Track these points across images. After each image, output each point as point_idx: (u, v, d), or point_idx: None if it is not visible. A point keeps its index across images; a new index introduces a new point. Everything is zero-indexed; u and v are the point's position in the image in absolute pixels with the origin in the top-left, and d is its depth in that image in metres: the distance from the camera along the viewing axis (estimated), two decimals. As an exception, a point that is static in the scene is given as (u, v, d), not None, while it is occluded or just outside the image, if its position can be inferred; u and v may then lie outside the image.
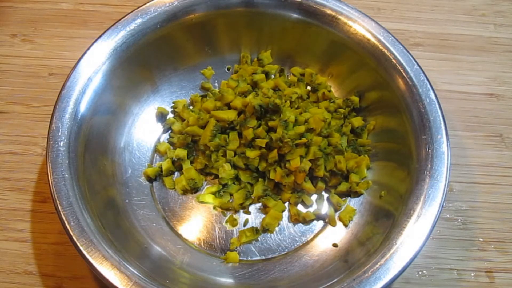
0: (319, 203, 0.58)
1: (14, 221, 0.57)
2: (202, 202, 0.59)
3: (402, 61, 0.56)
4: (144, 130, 0.62)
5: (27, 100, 0.65)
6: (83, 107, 0.54)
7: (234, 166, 0.58)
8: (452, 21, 0.73)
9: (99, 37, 0.57)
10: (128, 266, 0.46)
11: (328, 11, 0.59)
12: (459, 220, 0.58)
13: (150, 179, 0.59)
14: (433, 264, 0.56)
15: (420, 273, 0.55)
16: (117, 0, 0.72)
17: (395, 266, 0.46)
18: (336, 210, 0.57)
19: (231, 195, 0.59)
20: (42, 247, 0.56)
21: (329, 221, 0.57)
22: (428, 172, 0.50)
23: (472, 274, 0.56)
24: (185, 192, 0.59)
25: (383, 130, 0.59)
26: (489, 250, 0.57)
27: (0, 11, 0.72)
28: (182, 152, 0.59)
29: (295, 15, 0.60)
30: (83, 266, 0.54)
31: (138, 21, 0.58)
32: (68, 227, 0.47)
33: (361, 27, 0.58)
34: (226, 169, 0.58)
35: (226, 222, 0.58)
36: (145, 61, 0.60)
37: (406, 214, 0.49)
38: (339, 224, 0.57)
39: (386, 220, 0.51)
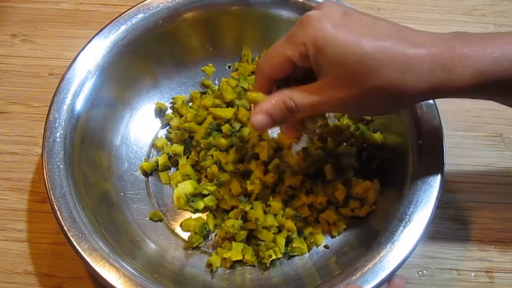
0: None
1: (14, 221, 0.57)
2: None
3: None
4: (143, 125, 0.62)
5: (27, 100, 0.65)
6: (81, 99, 0.54)
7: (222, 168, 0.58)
8: (452, 21, 0.73)
9: (100, 31, 0.57)
10: (117, 258, 0.47)
11: None
12: (459, 220, 0.58)
13: (146, 174, 0.59)
14: (433, 264, 0.56)
15: (420, 273, 0.55)
16: (117, 0, 0.72)
17: (384, 270, 0.46)
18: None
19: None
20: (42, 247, 0.56)
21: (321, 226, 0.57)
22: (421, 177, 0.50)
23: (472, 274, 0.56)
24: None
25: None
26: (489, 250, 0.57)
27: (0, 11, 0.72)
28: (178, 148, 0.59)
29: (296, 15, 0.60)
30: (83, 266, 0.54)
31: (140, 16, 0.59)
32: (59, 217, 0.47)
33: None
34: (214, 170, 0.58)
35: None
36: (146, 56, 0.60)
37: (398, 218, 0.48)
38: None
39: (378, 223, 0.51)
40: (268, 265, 0.53)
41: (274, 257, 0.53)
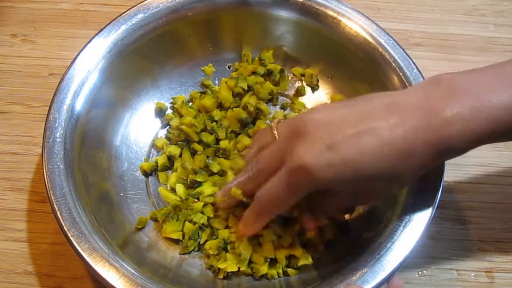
0: None
1: (14, 221, 0.57)
2: None
3: (402, 65, 0.56)
4: (143, 125, 0.62)
5: (27, 100, 0.65)
6: (81, 99, 0.54)
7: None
8: (452, 21, 0.73)
9: (100, 31, 0.57)
10: (117, 258, 0.46)
11: (330, 12, 0.59)
12: (459, 220, 0.58)
13: (146, 174, 0.59)
14: (433, 264, 0.56)
15: (420, 273, 0.55)
16: (117, 0, 0.72)
17: (384, 270, 0.46)
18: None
19: None
20: (42, 247, 0.56)
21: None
22: (422, 176, 0.49)
23: (472, 274, 0.56)
24: None
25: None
26: (489, 250, 0.57)
27: (0, 11, 0.72)
28: (174, 150, 0.59)
29: (296, 15, 0.60)
30: (83, 266, 0.54)
31: (140, 16, 0.58)
32: (59, 217, 0.47)
33: (362, 29, 0.58)
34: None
35: None
36: (146, 55, 0.60)
37: (398, 218, 0.48)
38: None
39: (378, 223, 0.51)
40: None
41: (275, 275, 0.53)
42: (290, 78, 0.65)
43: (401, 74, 0.55)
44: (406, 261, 0.46)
